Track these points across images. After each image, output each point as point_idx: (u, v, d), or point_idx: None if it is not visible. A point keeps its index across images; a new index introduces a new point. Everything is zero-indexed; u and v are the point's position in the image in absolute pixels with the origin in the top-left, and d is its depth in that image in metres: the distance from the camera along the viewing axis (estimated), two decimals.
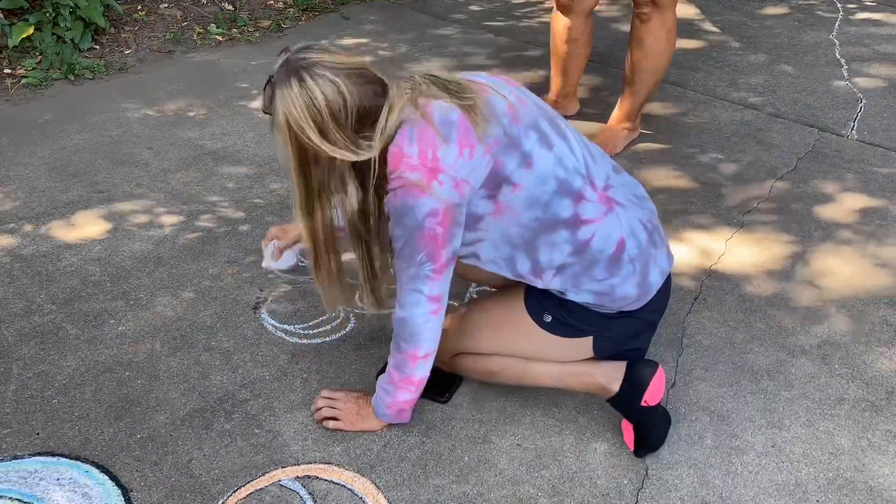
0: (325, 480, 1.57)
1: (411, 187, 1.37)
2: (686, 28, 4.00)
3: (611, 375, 1.59)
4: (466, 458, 1.62)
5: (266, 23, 4.11)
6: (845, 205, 2.48)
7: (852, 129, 2.95)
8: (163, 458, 1.63)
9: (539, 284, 1.52)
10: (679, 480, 1.57)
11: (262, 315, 2.04)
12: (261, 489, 1.56)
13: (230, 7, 4.22)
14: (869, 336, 1.94)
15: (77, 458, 1.63)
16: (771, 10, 4.25)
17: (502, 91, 1.47)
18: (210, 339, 1.96)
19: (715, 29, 3.99)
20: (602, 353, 1.61)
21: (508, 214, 1.44)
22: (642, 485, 1.56)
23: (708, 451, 1.63)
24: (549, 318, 1.56)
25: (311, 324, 2.01)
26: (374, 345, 1.93)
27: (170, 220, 2.45)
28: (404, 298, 1.49)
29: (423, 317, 1.49)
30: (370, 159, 1.40)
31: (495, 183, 1.42)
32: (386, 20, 4.19)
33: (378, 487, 1.56)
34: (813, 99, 3.19)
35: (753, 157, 2.77)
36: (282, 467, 1.61)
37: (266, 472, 1.59)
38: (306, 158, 1.41)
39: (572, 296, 1.51)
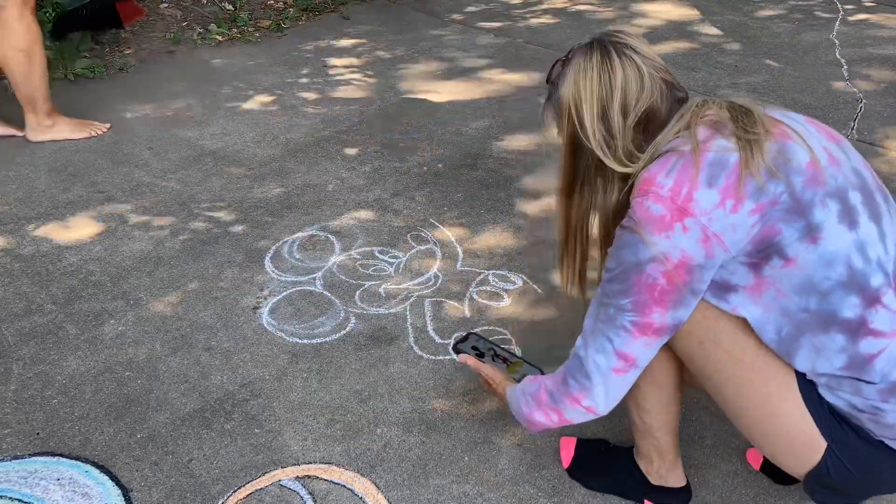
0: (325, 480, 1.57)
1: (649, 221, 1.14)
2: (686, 28, 4.00)
3: (670, 480, 1.48)
4: (466, 458, 1.62)
5: (266, 23, 4.11)
6: None
7: (852, 129, 2.95)
8: (163, 458, 1.63)
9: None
10: None
11: (262, 315, 2.04)
12: (261, 489, 1.56)
13: (230, 7, 4.22)
14: None
15: (77, 458, 1.63)
16: (771, 11, 4.26)
17: (810, 141, 1.17)
18: (210, 339, 1.96)
19: (715, 29, 3.99)
20: (820, 481, 1.22)
21: (771, 295, 1.15)
22: None
23: (708, 450, 1.63)
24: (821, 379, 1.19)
25: (311, 324, 2.01)
26: (373, 344, 1.93)
27: (170, 220, 2.45)
28: (591, 337, 1.25)
29: (602, 369, 1.24)
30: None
31: (763, 252, 1.13)
32: (386, 20, 4.19)
33: (378, 487, 1.56)
34: (813, 99, 3.19)
35: None
36: (282, 467, 1.61)
37: (266, 472, 1.59)
38: (579, 140, 1.25)
39: (825, 392, 1.18)
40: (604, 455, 1.58)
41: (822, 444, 1.18)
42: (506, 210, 2.47)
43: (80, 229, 2.41)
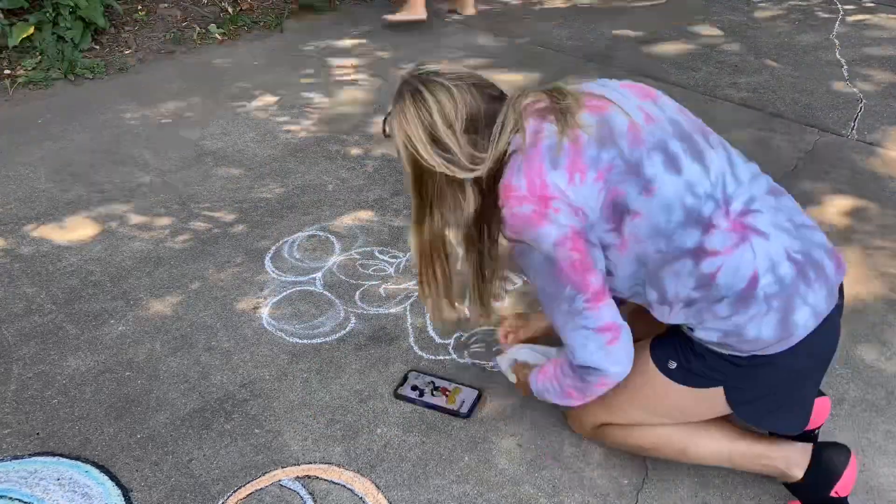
0: (325, 480, 1.57)
1: (527, 220, 1.28)
2: (686, 28, 4.00)
3: (793, 460, 1.45)
4: (466, 458, 1.62)
5: (266, 22, 4.11)
6: (845, 205, 2.48)
7: (852, 129, 2.95)
8: (163, 458, 1.63)
9: (667, 316, 1.36)
10: (679, 480, 1.57)
11: (262, 315, 2.04)
12: (261, 489, 1.56)
13: (230, 7, 4.22)
14: (869, 336, 1.94)
15: (77, 458, 1.63)
16: (771, 11, 4.26)
17: (627, 106, 1.33)
18: (210, 339, 1.96)
19: (715, 29, 3.99)
20: (743, 409, 1.39)
21: (633, 245, 1.31)
22: (642, 485, 1.56)
23: None
24: (673, 365, 1.39)
25: (311, 324, 2.01)
26: (373, 344, 1.93)
27: (170, 220, 2.45)
28: (571, 341, 1.36)
29: (599, 351, 1.34)
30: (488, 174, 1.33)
31: (616, 213, 1.29)
32: None
33: (378, 487, 1.56)
34: (813, 99, 3.19)
35: (753, 158, 2.76)
36: (282, 467, 1.61)
37: (266, 472, 1.59)
38: (422, 174, 1.35)
39: (700, 333, 1.34)
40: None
41: (718, 394, 1.37)
42: None
43: (80, 229, 2.41)
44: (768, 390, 1.37)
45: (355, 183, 2.64)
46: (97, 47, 3.73)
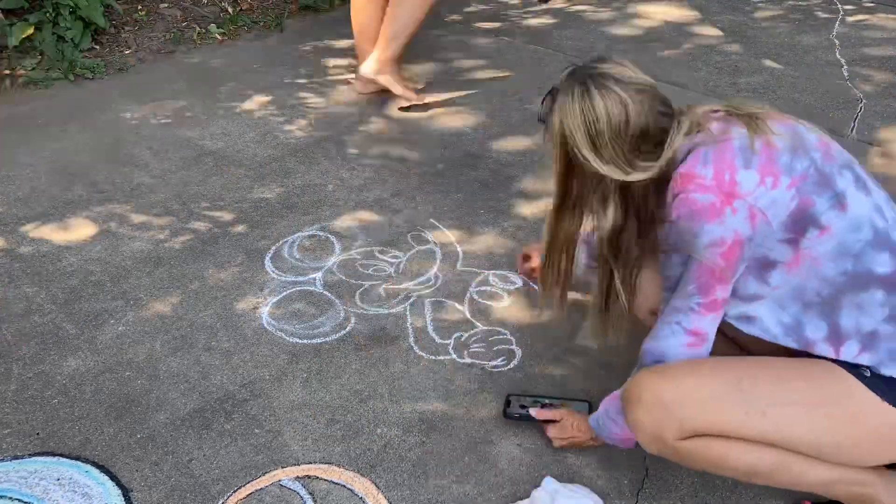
0: (325, 480, 1.57)
1: (700, 211, 1.23)
2: (686, 28, 4.00)
3: (891, 489, 1.33)
4: (466, 458, 1.62)
5: (266, 22, 4.11)
6: None
7: (852, 129, 2.95)
8: (163, 458, 1.63)
9: (831, 356, 1.26)
10: (679, 480, 1.57)
11: (262, 315, 2.04)
12: (261, 489, 1.56)
13: (230, 7, 4.22)
14: None
15: (77, 458, 1.63)
16: (770, 11, 4.26)
17: (807, 125, 1.33)
18: (210, 339, 1.96)
19: (715, 29, 3.99)
20: None
21: (808, 265, 1.25)
22: (642, 485, 1.56)
23: None
24: (867, 373, 1.25)
25: (311, 324, 2.01)
26: (373, 344, 1.93)
27: (170, 220, 2.45)
28: (659, 330, 1.35)
29: (675, 347, 1.32)
30: (642, 183, 1.29)
31: (800, 224, 1.24)
32: None
33: (378, 487, 1.56)
34: (813, 99, 3.19)
35: None
36: (282, 467, 1.61)
37: (266, 472, 1.59)
38: (571, 169, 1.33)
39: (887, 370, 1.24)
40: None
41: None
42: (506, 210, 2.47)
43: (80, 229, 2.41)
44: None
45: (355, 183, 2.64)
46: (97, 47, 3.73)
